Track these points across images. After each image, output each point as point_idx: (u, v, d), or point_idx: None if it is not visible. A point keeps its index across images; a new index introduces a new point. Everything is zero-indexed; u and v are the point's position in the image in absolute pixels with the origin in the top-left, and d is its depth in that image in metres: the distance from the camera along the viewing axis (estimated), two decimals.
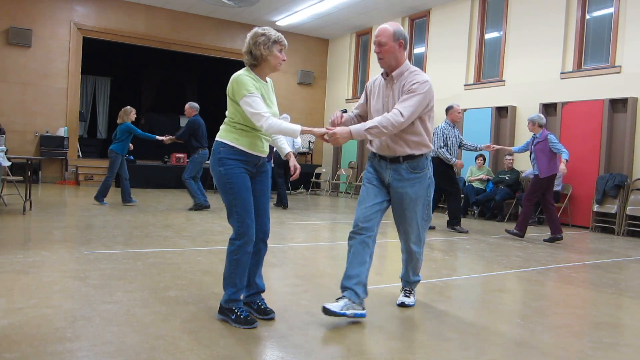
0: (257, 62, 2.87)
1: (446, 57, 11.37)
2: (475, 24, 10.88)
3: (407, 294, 3.44)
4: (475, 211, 9.59)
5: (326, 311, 2.87)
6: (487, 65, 10.74)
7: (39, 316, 2.77)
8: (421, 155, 3.15)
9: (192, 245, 5.17)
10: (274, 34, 2.87)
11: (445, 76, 11.22)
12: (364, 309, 3.00)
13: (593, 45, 8.95)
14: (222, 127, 2.95)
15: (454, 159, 7.27)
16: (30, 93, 11.78)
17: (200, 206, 8.14)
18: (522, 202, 7.07)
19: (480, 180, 9.61)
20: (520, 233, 6.78)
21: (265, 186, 3.01)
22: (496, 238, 6.88)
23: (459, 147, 7.46)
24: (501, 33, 10.36)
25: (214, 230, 6.27)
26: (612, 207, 8.05)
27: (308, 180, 13.59)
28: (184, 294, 3.36)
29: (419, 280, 3.50)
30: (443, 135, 7.26)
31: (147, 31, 12.99)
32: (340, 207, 10.28)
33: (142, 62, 16.42)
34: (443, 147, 7.24)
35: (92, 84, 16.66)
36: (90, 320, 2.74)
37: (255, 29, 2.89)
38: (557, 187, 8.57)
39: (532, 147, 6.80)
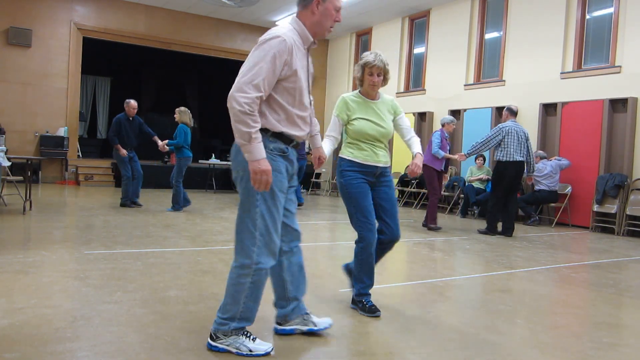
0: (360, 83, 3.21)
1: (446, 57, 11.36)
2: (475, 24, 10.88)
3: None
4: (475, 211, 9.58)
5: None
6: (487, 65, 10.73)
7: (39, 316, 2.77)
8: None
9: (192, 245, 5.17)
10: (365, 57, 3.13)
11: (445, 76, 11.19)
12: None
13: (593, 45, 8.95)
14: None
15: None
16: (30, 93, 11.79)
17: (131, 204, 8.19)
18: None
19: (480, 180, 9.61)
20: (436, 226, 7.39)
21: (386, 193, 3.20)
22: (496, 238, 6.88)
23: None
24: (501, 33, 10.36)
25: (214, 230, 6.27)
26: (612, 207, 8.05)
27: (308, 180, 13.58)
28: (184, 294, 3.36)
29: None
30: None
31: (147, 31, 13.00)
32: (340, 207, 10.27)
33: (142, 62, 16.43)
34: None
35: (92, 84, 16.67)
36: (90, 320, 2.74)
37: (365, 53, 3.18)
38: (555, 187, 8.58)
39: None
